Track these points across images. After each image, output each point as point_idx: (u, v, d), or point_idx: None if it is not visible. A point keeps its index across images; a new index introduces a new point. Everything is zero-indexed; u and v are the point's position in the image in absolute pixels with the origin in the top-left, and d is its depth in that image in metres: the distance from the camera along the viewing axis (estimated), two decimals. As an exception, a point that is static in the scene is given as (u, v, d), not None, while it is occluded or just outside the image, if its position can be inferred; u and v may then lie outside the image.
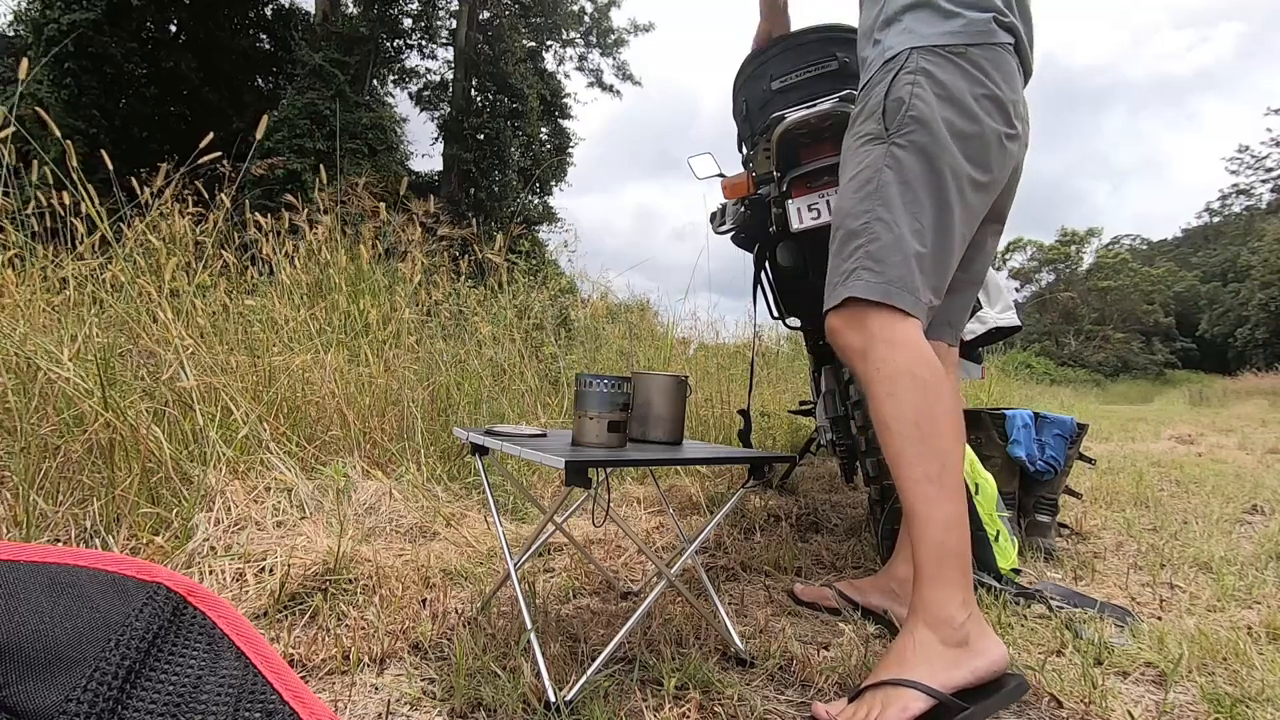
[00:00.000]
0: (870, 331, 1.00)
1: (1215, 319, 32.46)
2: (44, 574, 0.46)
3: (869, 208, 1.03)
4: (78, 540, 1.30)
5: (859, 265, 1.01)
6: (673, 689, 0.95)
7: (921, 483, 0.92)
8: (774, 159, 1.67)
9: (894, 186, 1.02)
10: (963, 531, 0.92)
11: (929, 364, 0.96)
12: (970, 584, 0.93)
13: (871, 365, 0.98)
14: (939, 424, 0.93)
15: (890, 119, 1.05)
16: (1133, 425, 7.00)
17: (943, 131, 1.03)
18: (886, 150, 1.04)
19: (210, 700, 0.46)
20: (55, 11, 11.49)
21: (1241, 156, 37.25)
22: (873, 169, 1.04)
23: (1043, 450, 1.85)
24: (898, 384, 0.95)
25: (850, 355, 1.03)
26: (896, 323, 0.99)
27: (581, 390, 1.01)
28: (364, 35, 14.47)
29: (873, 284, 1.00)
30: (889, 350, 0.97)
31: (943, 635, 0.89)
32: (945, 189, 1.03)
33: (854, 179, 1.07)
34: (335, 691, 0.94)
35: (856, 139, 1.09)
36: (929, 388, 0.94)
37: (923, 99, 1.03)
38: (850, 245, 1.04)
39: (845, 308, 1.03)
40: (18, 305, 1.65)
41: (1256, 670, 1.07)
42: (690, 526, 1.99)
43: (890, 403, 0.95)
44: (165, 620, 0.49)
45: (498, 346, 2.93)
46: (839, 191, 1.11)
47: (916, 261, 1.00)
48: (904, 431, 0.94)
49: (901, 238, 1.00)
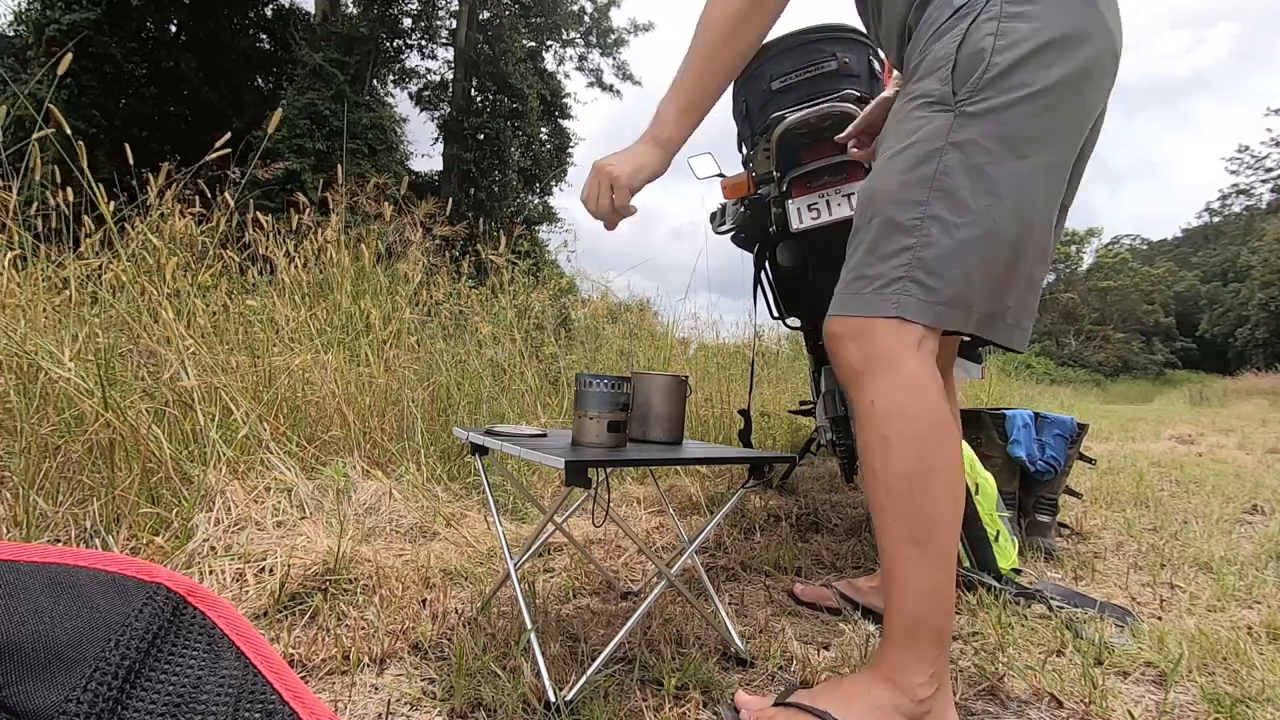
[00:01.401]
0: (873, 352, 0.83)
1: (1215, 319, 32.47)
2: (44, 574, 0.46)
3: (922, 198, 0.81)
4: (78, 540, 1.30)
5: (906, 275, 0.81)
6: (673, 689, 0.95)
7: (903, 544, 0.80)
8: (774, 159, 1.67)
9: (960, 173, 0.80)
10: (944, 604, 0.80)
11: (932, 407, 0.81)
12: (946, 659, 0.81)
13: (866, 395, 0.84)
14: (934, 480, 0.80)
15: (962, 78, 0.81)
16: (1133, 425, 7.00)
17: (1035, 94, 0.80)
18: (953, 121, 0.81)
19: (210, 700, 0.46)
20: (56, 12, 11.49)
21: (1241, 156, 37.29)
22: (930, 145, 0.82)
23: (1043, 450, 1.85)
24: (892, 427, 0.81)
25: (844, 373, 0.88)
26: (908, 348, 0.82)
27: (581, 390, 1.01)
28: (364, 35, 14.47)
29: (926, 304, 0.81)
30: (889, 384, 0.82)
31: (900, 703, 0.79)
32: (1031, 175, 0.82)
33: (902, 153, 0.84)
34: (335, 691, 0.94)
35: (909, 101, 0.86)
36: (928, 438, 0.80)
37: (1011, 49, 0.79)
38: (892, 243, 0.83)
39: (847, 317, 0.87)
40: (19, 305, 1.65)
41: (1256, 670, 1.07)
42: (690, 526, 1.99)
43: (881, 448, 0.82)
44: (165, 620, 0.49)
45: (498, 346, 2.93)
46: (878, 164, 0.88)
47: (983, 272, 0.81)
48: (892, 485, 0.81)
49: (964, 245, 0.80)
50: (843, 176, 1.55)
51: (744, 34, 0.91)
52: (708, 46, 0.91)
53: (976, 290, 0.82)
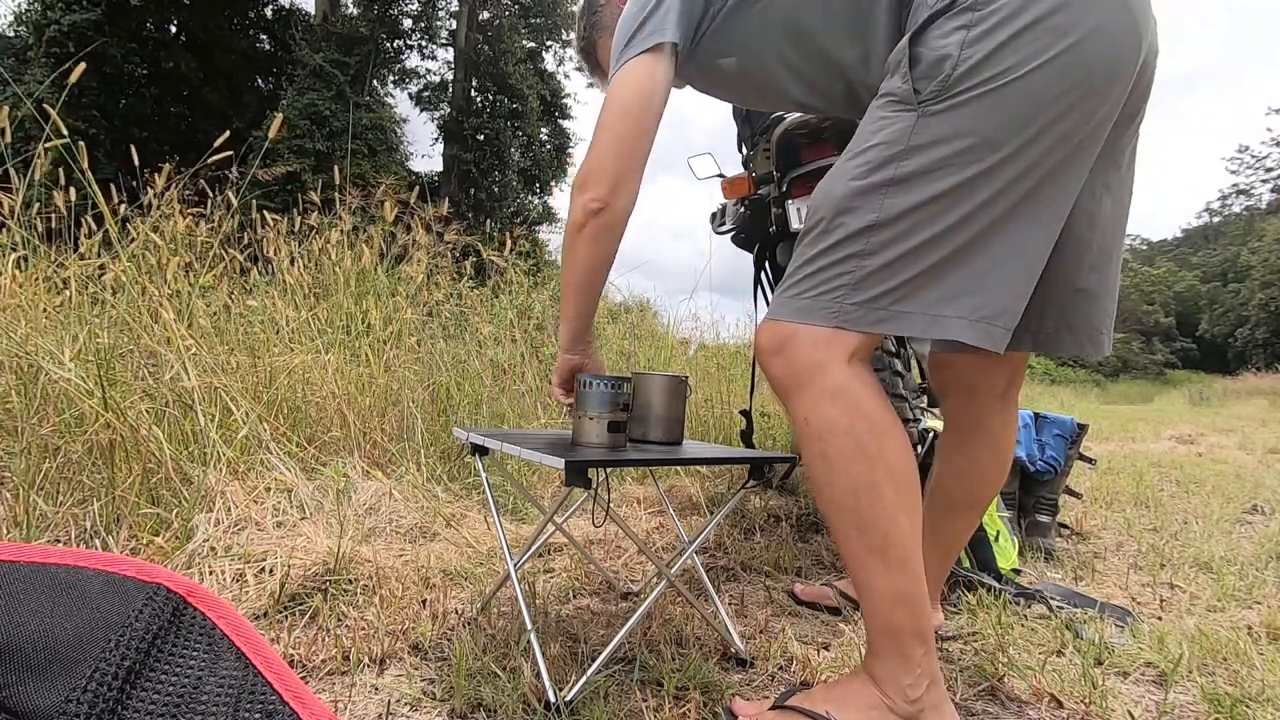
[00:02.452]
0: (798, 366, 0.81)
1: (1215, 319, 32.48)
2: (44, 575, 0.46)
3: (875, 204, 0.77)
4: (78, 541, 1.30)
5: (848, 283, 0.79)
6: (673, 689, 0.95)
7: (863, 555, 0.80)
8: (774, 159, 1.67)
9: (921, 180, 0.76)
10: (915, 605, 0.79)
11: (868, 416, 0.78)
12: (933, 657, 0.82)
13: (799, 412, 0.82)
14: (880, 490, 0.78)
15: (925, 76, 0.77)
16: (1133, 425, 7.00)
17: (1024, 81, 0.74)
18: (915, 122, 0.77)
19: (210, 701, 0.46)
20: (56, 13, 11.51)
21: (1241, 156, 37.30)
22: (890, 149, 0.78)
23: (1043, 450, 1.85)
24: (828, 444, 0.79)
25: (775, 388, 0.85)
26: (834, 359, 0.79)
27: (581, 391, 1.01)
28: (364, 35, 14.49)
29: (866, 312, 0.78)
30: (817, 398, 0.79)
31: (893, 703, 0.80)
32: (1001, 176, 0.75)
33: (859, 155, 0.80)
34: (335, 692, 0.94)
35: (878, 100, 0.83)
36: (867, 449, 0.78)
37: (984, 39, 0.74)
38: (838, 250, 0.79)
39: (777, 323, 0.83)
40: (20, 306, 1.65)
41: (1256, 670, 1.07)
42: (690, 527, 1.99)
43: (822, 465, 0.80)
44: (165, 621, 0.49)
45: (498, 347, 2.93)
46: (836, 164, 0.85)
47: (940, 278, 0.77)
48: (840, 501, 0.80)
49: (917, 252, 0.77)
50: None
51: (586, 262, 0.97)
52: (564, 268, 1.01)
53: (920, 293, 0.77)
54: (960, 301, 0.78)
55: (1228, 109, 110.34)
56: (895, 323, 0.78)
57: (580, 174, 0.95)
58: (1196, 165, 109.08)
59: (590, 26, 1.21)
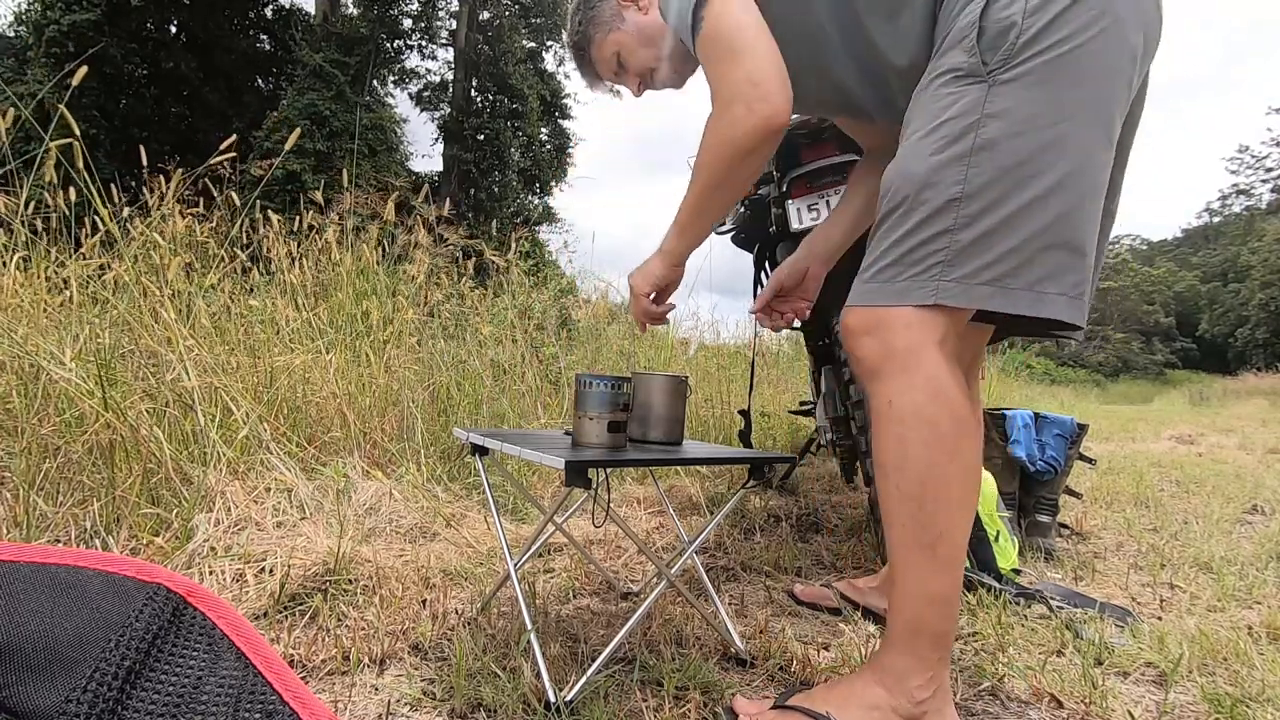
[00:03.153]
0: (893, 348, 0.80)
1: (1215, 319, 32.48)
2: (44, 575, 0.46)
3: (959, 176, 0.77)
4: (78, 541, 1.30)
5: (944, 260, 0.77)
6: (673, 689, 0.95)
7: (912, 548, 0.79)
8: (774, 159, 1.67)
9: (1001, 145, 0.76)
10: (948, 609, 0.79)
11: (954, 411, 0.78)
12: (946, 664, 0.80)
13: (884, 394, 0.81)
14: (949, 488, 0.78)
15: (991, 46, 0.78)
16: (1133, 425, 7.00)
17: (1075, 50, 0.76)
18: (987, 91, 0.77)
19: (210, 701, 0.46)
20: (56, 13, 11.51)
21: (1241, 156, 37.26)
22: (965, 120, 0.78)
23: (1043, 450, 1.85)
24: (910, 429, 0.78)
25: (861, 369, 0.85)
26: (929, 345, 0.79)
27: (581, 391, 1.01)
28: (364, 36, 14.48)
29: (967, 288, 0.77)
30: (909, 383, 0.79)
31: (896, 704, 0.79)
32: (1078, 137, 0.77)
33: (933, 132, 0.80)
34: (335, 692, 0.94)
35: (934, 78, 0.83)
36: (946, 443, 0.77)
37: (1045, 7, 0.76)
38: (928, 226, 0.78)
39: (870, 306, 0.83)
40: (21, 306, 1.66)
41: (1257, 670, 1.07)
42: (690, 527, 1.99)
43: (896, 450, 0.80)
44: (165, 621, 0.49)
45: (498, 347, 2.94)
46: (904, 147, 0.84)
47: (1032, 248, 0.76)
48: (905, 488, 0.79)
49: (1009, 222, 0.76)
50: (843, 177, 1.55)
51: (733, 182, 0.94)
52: (702, 188, 0.96)
53: (1025, 268, 0.76)
54: (1064, 278, 0.77)
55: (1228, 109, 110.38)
56: (1000, 298, 0.77)
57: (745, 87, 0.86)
58: (1196, 165, 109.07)
59: (585, 22, 1.16)
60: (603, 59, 1.16)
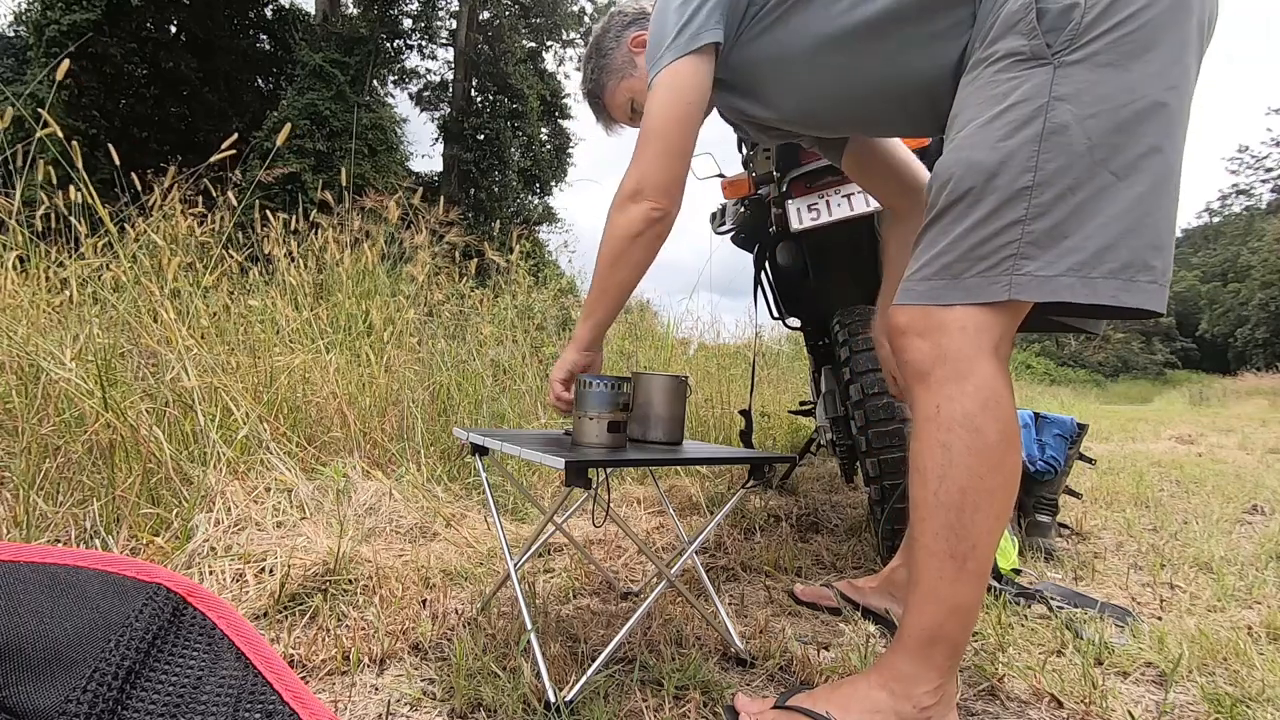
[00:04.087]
0: (946, 353, 0.77)
1: (1215, 319, 32.48)
2: (44, 575, 0.46)
3: (1030, 163, 0.73)
4: (78, 541, 1.30)
5: (1017, 253, 0.74)
6: (673, 689, 0.95)
7: (942, 557, 0.77)
8: (774, 159, 1.67)
9: (1074, 128, 0.73)
10: (969, 621, 0.78)
11: (1004, 422, 0.76)
12: (955, 674, 0.80)
13: (932, 399, 0.78)
14: (991, 498, 0.75)
15: (1054, 27, 0.75)
16: (1133, 425, 7.00)
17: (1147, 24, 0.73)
18: (1053, 74, 0.74)
19: (210, 701, 0.46)
20: (56, 13, 11.51)
21: (1241, 156, 37.30)
22: (1032, 104, 0.74)
23: (1043, 450, 1.85)
24: (957, 437, 0.76)
25: (908, 370, 0.82)
26: (983, 352, 0.76)
27: (581, 391, 1.01)
28: (364, 35, 14.48)
29: (1045, 281, 0.73)
30: (960, 391, 0.76)
31: (900, 709, 0.78)
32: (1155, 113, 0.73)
33: (998, 118, 0.76)
34: (335, 692, 0.94)
35: (989, 65, 0.79)
36: (992, 455, 0.75)
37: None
38: (998, 218, 0.75)
39: (924, 306, 0.80)
40: (20, 306, 1.65)
41: (1257, 670, 1.07)
42: (690, 527, 1.99)
43: (941, 457, 0.77)
44: (165, 621, 0.49)
45: (499, 347, 2.94)
46: (962, 136, 0.80)
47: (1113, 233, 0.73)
48: (945, 498, 0.76)
49: (1087, 206, 0.73)
50: (843, 176, 1.55)
51: (627, 261, 1.01)
52: (600, 268, 1.03)
53: (1106, 255, 0.73)
54: (1150, 263, 0.74)
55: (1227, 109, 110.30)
56: (1084, 289, 0.73)
57: (631, 182, 0.97)
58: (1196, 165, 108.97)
59: (599, 70, 1.21)
60: (616, 105, 1.21)
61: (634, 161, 0.98)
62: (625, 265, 1.01)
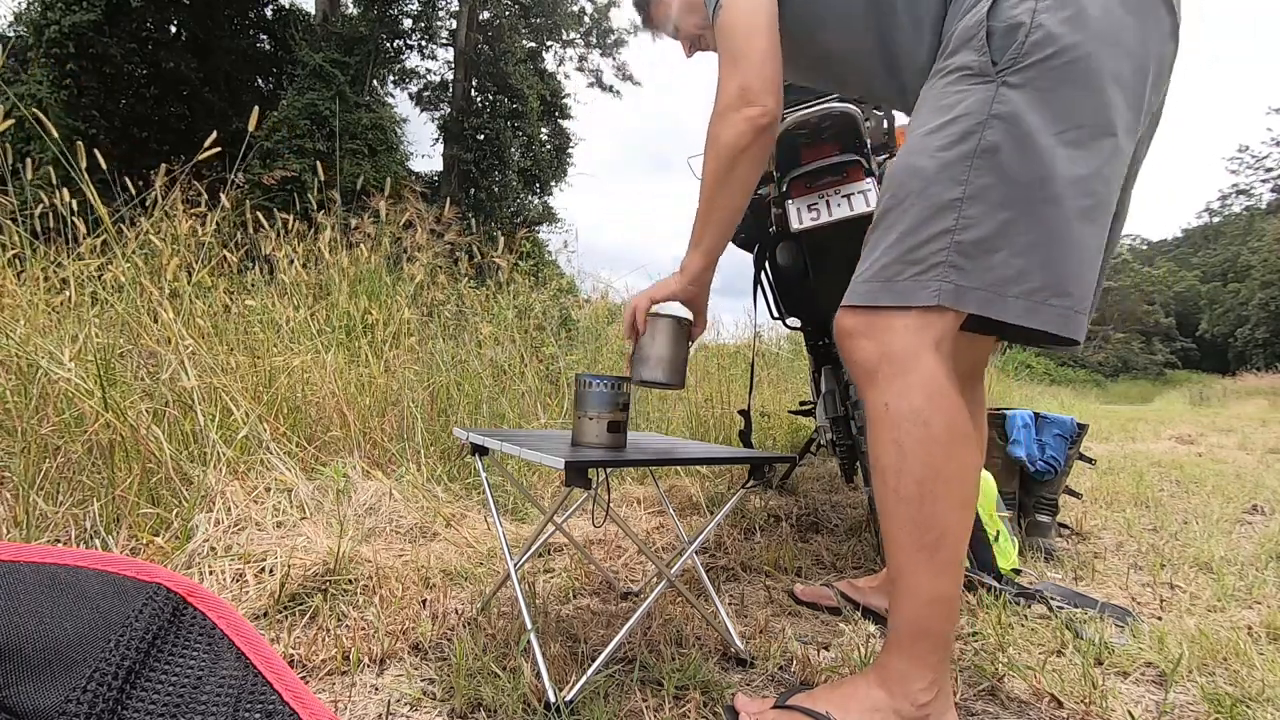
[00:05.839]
0: (890, 351, 0.80)
1: (1215, 319, 32.48)
2: (44, 575, 0.46)
3: (963, 176, 0.76)
4: (78, 541, 1.30)
5: (945, 261, 0.77)
6: (673, 689, 0.95)
7: (911, 550, 0.78)
8: (773, 159, 1.67)
9: (1007, 147, 0.75)
10: (949, 611, 0.79)
11: (950, 413, 0.77)
12: (947, 666, 0.81)
13: (880, 397, 0.80)
14: (947, 489, 0.77)
15: (1000, 47, 0.77)
16: (1133, 425, 7.00)
17: (1088, 59, 0.75)
18: (995, 91, 0.76)
19: (210, 701, 0.46)
20: (56, 13, 11.49)
21: (1241, 156, 37.28)
22: (973, 119, 0.77)
23: (1043, 450, 1.85)
24: (906, 433, 0.78)
25: (856, 371, 0.84)
26: (926, 348, 0.78)
27: (581, 391, 1.01)
28: (364, 35, 14.47)
29: (967, 290, 0.76)
30: (906, 386, 0.78)
31: (898, 706, 0.79)
32: (1088, 145, 0.75)
33: (940, 130, 0.79)
34: (335, 692, 0.94)
35: (943, 76, 0.83)
36: (943, 445, 0.77)
37: (1054, 10, 0.75)
38: (931, 225, 0.78)
39: (867, 309, 0.82)
40: (18, 306, 1.65)
41: (1257, 670, 1.07)
42: (690, 527, 1.98)
43: (894, 453, 0.79)
44: (165, 621, 0.49)
45: (498, 347, 2.94)
46: (909, 143, 0.83)
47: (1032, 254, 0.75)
48: (903, 491, 0.78)
49: (1011, 225, 0.75)
50: (842, 176, 1.55)
51: (734, 183, 0.96)
52: (706, 191, 0.98)
53: (1025, 276, 0.75)
54: (1063, 289, 0.76)
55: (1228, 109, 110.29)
56: (997, 306, 0.76)
57: (733, 87, 0.92)
58: (1196, 165, 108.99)
59: None
60: (659, 18, 1.20)
61: (728, 70, 0.93)
62: (733, 185, 0.95)
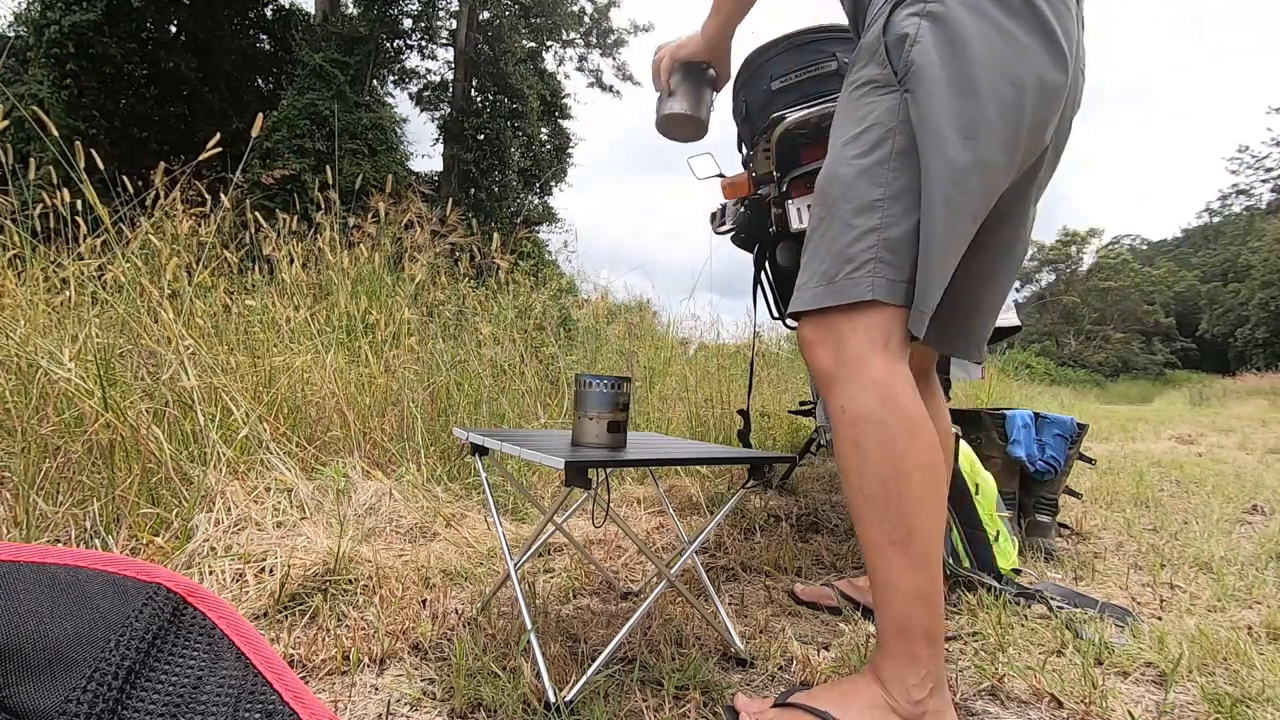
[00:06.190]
0: (843, 354, 0.83)
1: (1215, 319, 32.46)
2: (44, 575, 0.46)
3: (882, 179, 0.81)
4: (78, 541, 1.30)
5: (874, 257, 0.81)
6: (673, 689, 0.95)
7: (884, 547, 0.80)
8: (774, 159, 1.67)
9: (911, 153, 0.81)
10: (930, 605, 0.80)
11: (903, 409, 0.80)
12: (940, 660, 0.81)
13: (837, 401, 0.83)
14: (908, 483, 0.79)
15: (899, 61, 0.82)
16: (1133, 425, 7.00)
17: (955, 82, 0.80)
18: (900, 100, 0.82)
19: (210, 701, 0.46)
20: (55, 13, 11.49)
21: (1241, 156, 37.21)
22: (884, 126, 0.83)
23: (1043, 450, 1.85)
24: (863, 432, 0.80)
25: (817, 378, 0.87)
26: (875, 350, 0.81)
27: (581, 390, 1.01)
28: (364, 35, 14.46)
29: (896, 284, 0.80)
30: (858, 388, 0.81)
31: (896, 704, 0.80)
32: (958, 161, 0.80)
33: (857, 138, 0.84)
34: (335, 692, 0.94)
35: (855, 88, 0.88)
36: (899, 441, 0.79)
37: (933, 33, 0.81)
38: (858, 225, 0.82)
39: (820, 316, 0.85)
40: (19, 306, 1.65)
41: (1256, 670, 1.07)
42: (690, 527, 1.99)
43: (854, 454, 0.81)
44: (165, 621, 0.49)
45: (498, 347, 2.94)
46: (831, 154, 0.89)
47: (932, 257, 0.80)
48: (866, 490, 0.81)
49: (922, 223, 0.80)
50: (842, 177, 1.55)
51: None
52: None
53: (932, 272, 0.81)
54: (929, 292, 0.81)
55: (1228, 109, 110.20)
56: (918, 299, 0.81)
57: None
58: (1196, 165, 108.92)
59: None
60: None
61: None
62: None
